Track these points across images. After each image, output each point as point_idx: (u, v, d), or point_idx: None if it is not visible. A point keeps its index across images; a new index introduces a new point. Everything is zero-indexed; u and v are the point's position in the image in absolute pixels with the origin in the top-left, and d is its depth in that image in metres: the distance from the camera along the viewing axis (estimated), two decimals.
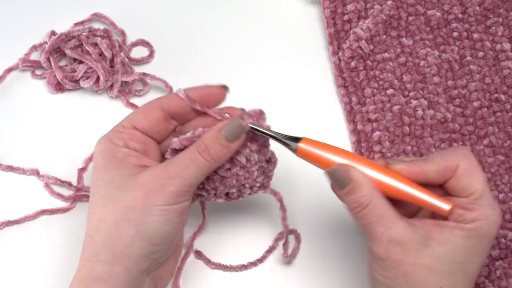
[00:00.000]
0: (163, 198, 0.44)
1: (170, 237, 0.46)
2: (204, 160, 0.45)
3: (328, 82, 0.64)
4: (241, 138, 0.46)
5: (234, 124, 0.46)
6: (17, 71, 0.64)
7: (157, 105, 0.48)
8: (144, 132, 0.48)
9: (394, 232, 0.43)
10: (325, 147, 0.47)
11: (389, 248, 0.43)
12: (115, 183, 0.45)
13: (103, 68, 0.60)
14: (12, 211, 0.57)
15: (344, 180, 0.45)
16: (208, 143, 0.45)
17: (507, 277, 0.55)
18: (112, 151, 0.46)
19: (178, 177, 0.44)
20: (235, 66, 0.65)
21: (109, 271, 0.44)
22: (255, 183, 0.49)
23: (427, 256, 0.44)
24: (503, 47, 0.64)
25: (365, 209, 0.44)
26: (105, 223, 0.45)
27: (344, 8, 0.65)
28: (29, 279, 0.55)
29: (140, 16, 0.67)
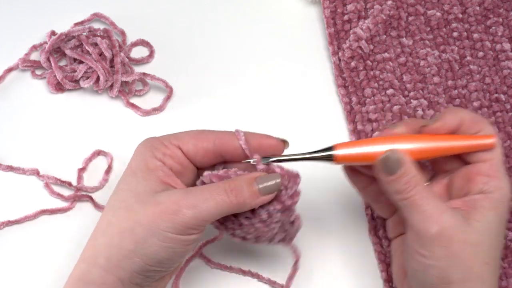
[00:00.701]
0: (172, 225, 0.43)
1: (168, 263, 0.45)
2: (227, 199, 0.44)
3: (328, 82, 0.64)
4: (273, 195, 0.45)
5: (273, 180, 0.45)
6: (17, 71, 0.64)
7: (212, 138, 0.47)
8: (187, 156, 0.47)
9: (446, 210, 0.44)
10: (358, 143, 0.47)
11: (441, 223, 0.44)
12: (135, 193, 0.45)
13: (103, 68, 0.60)
14: (12, 211, 0.57)
15: (397, 165, 0.45)
16: (238, 185, 0.44)
17: (507, 277, 0.55)
18: (147, 160, 0.46)
19: (193, 209, 0.43)
20: (235, 66, 0.65)
21: (103, 278, 0.44)
22: (273, 238, 0.49)
23: (472, 233, 0.44)
24: (503, 47, 0.64)
25: (415, 188, 0.45)
26: (112, 229, 0.44)
27: (344, 8, 0.65)
28: (29, 279, 0.55)
29: (140, 16, 0.67)
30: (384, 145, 0.46)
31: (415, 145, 0.46)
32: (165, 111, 0.62)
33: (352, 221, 0.57)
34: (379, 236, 0.56)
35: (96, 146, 0.60)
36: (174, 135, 0.48)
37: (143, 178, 0.45)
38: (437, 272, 0.44)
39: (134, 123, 0.62)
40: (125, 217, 0.44)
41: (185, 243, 0.44)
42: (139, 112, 0.62)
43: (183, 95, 0.63)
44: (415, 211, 0.45)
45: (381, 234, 0.56)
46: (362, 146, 0.47)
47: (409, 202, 0.45)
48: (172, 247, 0.44)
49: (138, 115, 0.62)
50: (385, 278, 0.55)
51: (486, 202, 0.45)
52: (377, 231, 0.56)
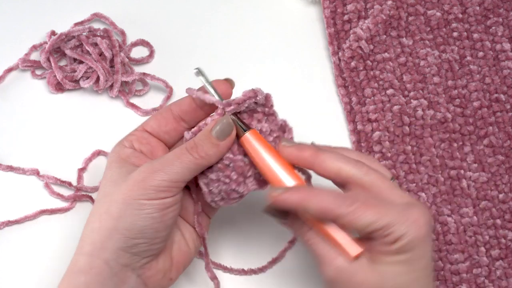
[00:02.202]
0: (143, 192, 0.44)
1: (150, 232, 0.45)
2: (190, 156, 0.45)
3: (328, 82, 0.64)
4: (231, 136, 0.46)
5: (224, 122, 0.46)
6: (17, 71, 0.64)
7: (168, 107, 0.49)
8: (154, 134, 0.49)
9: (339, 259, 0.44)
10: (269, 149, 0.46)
11: (338, 267, 0.44)
12: (112, 180, 0.47)
13: (103, 68, 0.60)
14: (12, 211, 0.57)
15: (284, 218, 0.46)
16: (198, 141, 0.46)
17: (507, 277, 0.55)
18: (118, 152, 0.48)
19: (160, 171, 0.44)
20: (235, 66, 0.65)
21: (90, 263, 0.45)
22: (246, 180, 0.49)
23: (374, 274, 0.43)
24: (503, 47, 0.64)
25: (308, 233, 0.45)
26: (92, 217, 0.46)
27: (344, 8, 0.65)
28: (29, 279, 0.55)
29: (140, 16, 0.67)
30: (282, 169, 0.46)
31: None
32: None
33: None
34: None
35: (96, 146, 0.60)
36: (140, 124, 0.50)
37: (118, 167, 0.47)
38: None
39: (134, 123, 0.61)
40: (103, 202, 0.46)
41: (161, 206, 0.45)
42: (139, 112, 0.62)
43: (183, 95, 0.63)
44: (314, 255, 0.45)
45: None
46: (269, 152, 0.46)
47: (307, 245, 0.45)
48: (148, 213, 0.45)
49: (138, 115, 0.62)
50: None
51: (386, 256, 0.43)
52: None
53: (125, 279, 0.46)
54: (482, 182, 0.59)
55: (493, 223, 0.58)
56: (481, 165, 0.60)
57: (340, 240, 0.44)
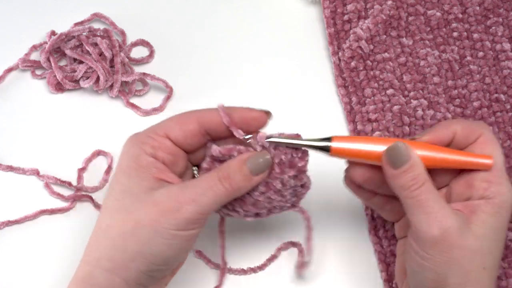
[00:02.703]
0: (174, 222, 0.43)
1: (172, 261, 0.45)
2: (223, 188, 0.44)
3: (328, 82, 0.64)
4: (265, 172, 0.45)
5: (261, 158, 0.45)
6: (17, 71, 0.64)
7: (195, 118, 0.47)
8: (176, 143, 0.47)
9: (449, 213, 0.43)
10: (357, 139, 0.47)
11: (444, 227, 0.43)
12: (131, 192, 0.44)
13: (103, 68, 0.60)
14: (12, 211, 0.57)
15: (404, 158, 0.44)
16: (231, 172, 0.44)
17: (507, 277, 0.55)
18: (138, 157, 0.45)
19: (193, 202, 0.43)
20: (235, 66, 0.65)
21: (108, 280, 0.44)
22: (285, 204, 0.49)
23: (471, 238, 0.44)
24: (503, 47, 0.64)
25: (422, 187, 0.44)
26: (113, 232, 0.44)
27: (344, 8, 0.65)
28: (29, 279, 0.55)
29: (140, 16, 0.67)
30: (383, 145, 0.46)
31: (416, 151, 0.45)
32: (165, 111, 0.62)
33: (352, 221, 0.57)
34: (379, 236, 0.56)
35: (96, 146, 0.60)
36: (158, 125, 0.47)
37: (136, 177, 0.45)
38: (433, 275, 0.44)
39: (134, 123, 0.62)
40: (124, 218, 0.44)
41: (188, 238, 0.44)
42: (139, 112, 0.62)
43: (183, 95, 0.63)
44: (420, 211, 0.44)
45: (381, 234, 0.56)
46: (360, 142, 0.46)
47: (414, 201, 0.44)
48: (176, 244, 0.44)
49: (138, 115, 0.62)
50: (385, 278, 0.55)
51: (487, 207, 0.45)
52: (377, 231, 0.56)
53: None
54: None
55: None
56: None
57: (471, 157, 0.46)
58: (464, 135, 0.46)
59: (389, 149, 0.45)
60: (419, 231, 0.44)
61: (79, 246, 0.46)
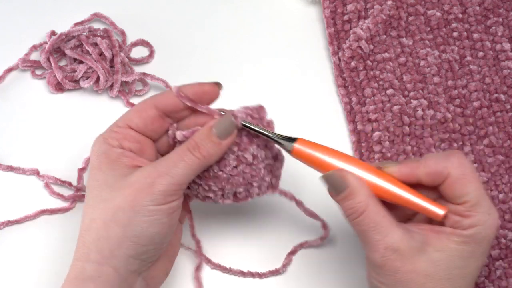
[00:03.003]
0: (151, 198, 0.44)
1: (159, 238, 0.45)
2: (193, 157, 0.45)
3: (328, 82, 0.64)
4: (233, 135, 0.46)
5: (226, 121, 0.46)
6: (17, 71, 0.64)
7: (151, 104, 0.48)
8: (139, 131, 0.48)
9: (390, 239, 0.43)
10: (321, 148, 0.46)
11: (385, 255, 0.43)
12: (107, 184, 0.45)
13: (103, 68, 0.60)
14: (12, 211, 0.57)
15: (340, 186, 0.44)
16: (199, 141, 0.45)
17: (507, 277, 0.55)
18: (106, 152, 0.46)
19: (166, 175, 0.44)
20: (235, 66, 0.65)
21: (98, 271, 0.44)
22: (262, 182, 0.49)
23: (424, 262, 0.43)
24: (503, 47, 0.64)
25: (361, 216, 0.44)
26: (95, 223, 0.45)
27: (344, 8, 0.65)
28: (29, 279, 0.55)
29: (140, 16, 0.67)
30: (342, 162, 0.46)
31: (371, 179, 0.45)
32: None
33: None
34: None
35: None
36: (119, 118, 0.48)
37: (110, 169, 0.46)
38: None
39: None
40: (104, 208, 0.45)
41: (169, 211, 0.45)
42: None
43: None
44: (362, 239, 0.45)
45: None
46: (321, 152, 0.46)
47: (355, 229, 0.45)
48: (157, 219, 0.44)
49: None
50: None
51: (452, 236, 0.44)
52: None
53: (133, 284, 0.46)
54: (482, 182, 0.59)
55: None
56: (481, 165, 0.60)
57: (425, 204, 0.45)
58: (429, 180, 0.45)
59: (326, 176, 0.45)
60: (366, 255, 0.45)
61: None
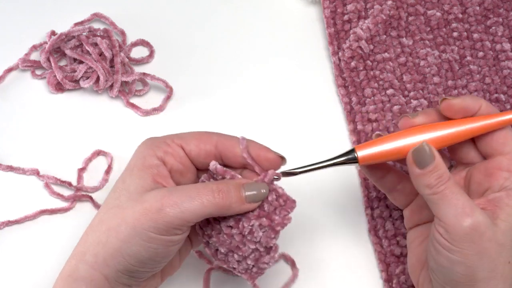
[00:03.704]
0: (153, 224, 0.42)
1: (150, 263, 0.44)
2: (212, 199, 0.43)
3: (328, 82, 0.64)
4: (258, 203, 0.45)
5: (260, 188, 0.45)
6: (17, 71, 0.64)
7: (214, 140, 0.47)
8: (189, 156, 0.47)
9: (474, 205, 0.43)
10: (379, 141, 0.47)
11: (475, 218, 0.43)
12: (128, 190, 0.44)
13: (103, 68, 0.60)
14: (12, 211, 0.57)
15: (429, 159, 0.44)
16: (226, 187, 0.44)
17: None
18: (145, 158, 0.45)
19: (177, 207, 0.43)
20: (235, 66, 0.65)
21: (91, 275, 0.44)
22: (244, 261, 0.46)
23: (498, 231, 0.44)
24: (503, 47, 0.64)
25: (447, 182, 0.44)
26: (101, 227, 0.44)
27: (344, 8, 0.65)
28: (29, 279, 0.55)
29: (140, 16, 0.67)
30: (405, 138, 0.46)
31: (436, 134, 0.46)
32: (165, 111, 0.62)
33: (352, 221, 0.57)
34: (379, 236, 0.56)
35: (96, 146, 0.60)
36: (177, 135, 0.47)
37: (137, 176, 0.45)
38: (463, 269, 0.43)
39: (134, 123, 0.62)
40: (114, 214, 0.44)
41: (168, 244, 0.44)
42: (139, 112, 0.62)
43: (183, 95, 0.63)
44: (447, 205, 0.43)
45: (381, 234, 0.56)
46: (384, 143, 0.47)
47: (440, 196, 0.44)
48: (154, 247, 0.43)
49: (138, 115, 0.62)
50: (385, 278, 0.55)
51: (510, 200, 0.45)
52: (377, 231, 0.56)
53: None
54: None
55: None
56: None
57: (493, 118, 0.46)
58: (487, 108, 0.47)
59: (415, 150, 0.45)
60: (447, 225, 0.43)
61: None
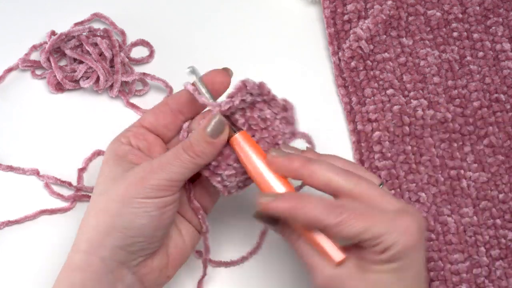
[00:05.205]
0: (141, 191, 0.45)
1: (148, 231, 0.46)
2: (188, 156, 0.45)
3: (328, 82, 0.64)
4: (225, 133, 0.46)
5: (216, 122, 0.46)
6: (17, 71, 0.64)
7: (164, 101, 0.50)
8: (152, 130, 0.49)
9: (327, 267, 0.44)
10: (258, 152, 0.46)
11: (327, 276, 0.44)
12: (110, 179, 0.47)
13: (103, 68, 0.60)
14: (12, 211, 0.57)
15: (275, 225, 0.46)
16: (193, 141, 0.46)
17: (507, 277, 0.55)
18: (115, 149, 0.48)
19: (160, 171, 0.45)
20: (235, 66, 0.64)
21: (86, 261, 0.45)
22: (284, 135, 0.49)
23: (363, 283, 0.43)
24: (503, 47, 0.64)
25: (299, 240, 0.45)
26: (90, 214, 0.46)
27: (344, 8, 0.65)
28: (29, 279, 0.55)
29: (140, 16, 0.67)
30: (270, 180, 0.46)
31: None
32: None
33: None
34: None
35: (96, 146, 0.60)
36: (137, 119, 0.50)
37: (116, 165, 0.47)
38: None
39: None
40: (100, 200, 0.46)
41: (159, 204, 0.45)
42: (139, 112, 0.62)
43: None
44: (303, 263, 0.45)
45: None
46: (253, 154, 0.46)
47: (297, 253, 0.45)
48: (147, 212, 0.45)
49: (138, 115, 0.62)
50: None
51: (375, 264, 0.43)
52: None
53: (121, 277, 0.46)
54: (482, 182, 0.59)
55: (493, 223, 0.58)
56: (481, 165, 0.60)
57: (326, 246, 0.44)
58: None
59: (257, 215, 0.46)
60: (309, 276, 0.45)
61: None
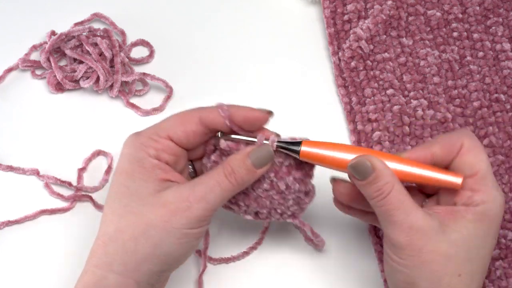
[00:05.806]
0: (185, 221, 0.44)
1: (183, 259, 0.47)
2: (229, 183, 0.45)
3: (328, 82, 0.64)
4: (268, 165, 0.46)
5: (263, 151, 0.46)
6: (17, 71, 0.64)
7: (196, 118, 0.47)
8: (178, 144, 0.47)
9: (414, 218, 0.44)
10: (328, 146, 0.47)
11: (410, 234, 0.44)
12: (138, 195, 0.45)
13: (103, 68, 0.60)
14: (12, 211, 0.57)
15: (367, 171, 0.44)
16: (234, 167, 0.45)
17: (507, 277, 0.55)
18: (141, 160, 0.46)
19: (203, 200, 0.44)
20: (235, 66, 0.65)
21: (121, 283, 0.45)
22: (287, 210, 0.49)
23: (445, 243, 0.44)
24: (503, 47, 0.64)
25: (388, 196, 0.44)
26: (123, 235, 0.44)
27: (344, 8, 0.65)
28: (29, 279, 0.55)
29: (140, 16, 0.67)
30: (351, 153, 0.46)
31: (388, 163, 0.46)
32: (165, 111, 0.62)
33: (352, 221, 0.57)
34: (379, 236, 0.56)
35: (96, 146, 0.60)
36: (160, 127, 0.47)
37: (142, 180, 0.45)
38: (404, 277, 0.45)
39: (134, 123, 0.62)
40: (135, 222, 0.44)
41: (198, 235, 0.46)
42: (139, 112, 0.62)
43: (183, 95, 0.63)
44: (387, 219, 0.45)
45: (381, 234, 0.56)
46: (329, 149, 0.46)
47: (381, 210, 0.45)
48: (187, 242, 0.45)
49: (138, 115, 0.62)
50: (385, 278, 0.55)
51: (467, 214, 0.45)
52: (377, 231, 0.57)
53: None
54: None
55: None
56: None
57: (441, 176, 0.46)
58: (444, 154, 0.47)
59: (353, 164, 0.45)
60: (388, 237, 0.45)
61: (79, 246, 0.46)
